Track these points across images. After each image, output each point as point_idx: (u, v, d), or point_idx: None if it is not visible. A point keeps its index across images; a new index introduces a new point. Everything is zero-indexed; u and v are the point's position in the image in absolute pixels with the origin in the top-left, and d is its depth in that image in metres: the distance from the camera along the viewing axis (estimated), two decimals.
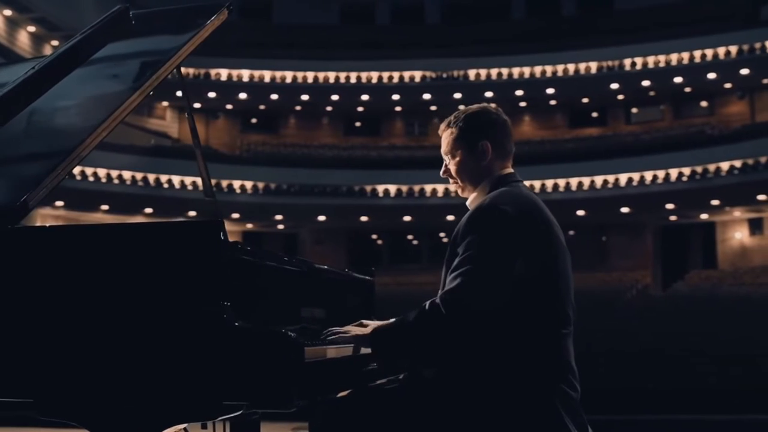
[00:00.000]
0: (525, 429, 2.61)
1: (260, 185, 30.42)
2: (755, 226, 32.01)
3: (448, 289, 2.66)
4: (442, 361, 2.73)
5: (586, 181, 29.48)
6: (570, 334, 2.76)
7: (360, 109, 36.37)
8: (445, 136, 3.01)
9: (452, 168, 2.98)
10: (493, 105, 3.04)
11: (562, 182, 29.60)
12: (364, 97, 35.05)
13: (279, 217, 31.59)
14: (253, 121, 36.07)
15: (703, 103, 34.98)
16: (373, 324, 2.82)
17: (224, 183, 29.75)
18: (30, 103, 3.29)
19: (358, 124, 37.46)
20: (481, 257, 2.64)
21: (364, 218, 32.09)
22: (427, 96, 34.93)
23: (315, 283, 3.39)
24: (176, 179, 29.19)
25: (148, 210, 29.96)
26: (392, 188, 31.00)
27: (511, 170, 2.96)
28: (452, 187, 3.05)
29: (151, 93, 3.27)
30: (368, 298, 3.85)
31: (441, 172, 3.03)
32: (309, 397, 2.56)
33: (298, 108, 35.95)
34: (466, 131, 2.96)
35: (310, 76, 34.13)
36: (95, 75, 3.54)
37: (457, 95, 34.68)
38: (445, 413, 2.64)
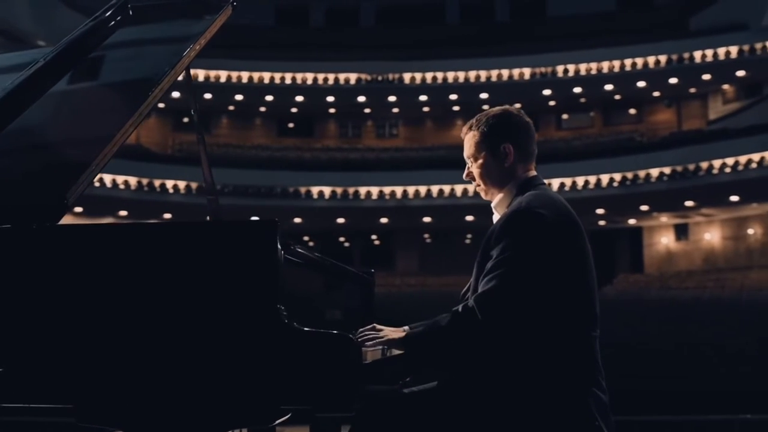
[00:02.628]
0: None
1: (193, 185, 30.09)
2: (681, 231, 32.70)
3: (482, 291, 2.64)
4: (475, 364, 2.69)
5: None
6: (598, 336, 2.76)
7: (294, 110, 36.29)
8: (468, 140, 2.96)
9: (475, 171, 2.93)
10: (515, 107, 3.00)
11: None
12: (299, 98, 34.97)
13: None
14: (185, 120, 35.66)
15: (632, 111, 35.66)
16: (385, 328, 2.80)
17: (156, 182, 29.41)
18: (42, 95, 3.15)
19: (291, 125, 37.35)
20: (517, 261, 2.62)
21: (297, 220, 31.99)
22: (361, 98, 34.98)
23: (332, 281, 3.37)
24: (108, 178, 28.72)
25: (78, 209, 29.45)
26: (326, 190, 30.96)
27: (534, 173, 2.93)
28: (474, 189, 3.01)
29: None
30: (370, 297, 3.79)
31: (464, 175, 2.98)
32: (362, 399, 2.54)
33: (231, 108, 35.70)
34: (488, 134, 2.91)
35: (244, 76, 33.92)
36: (108, 68, 3.41)
37: (392, 98, 34.82)
38: (481, 416, 2.63)
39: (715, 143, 28.04)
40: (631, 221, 32.69)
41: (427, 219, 32.01)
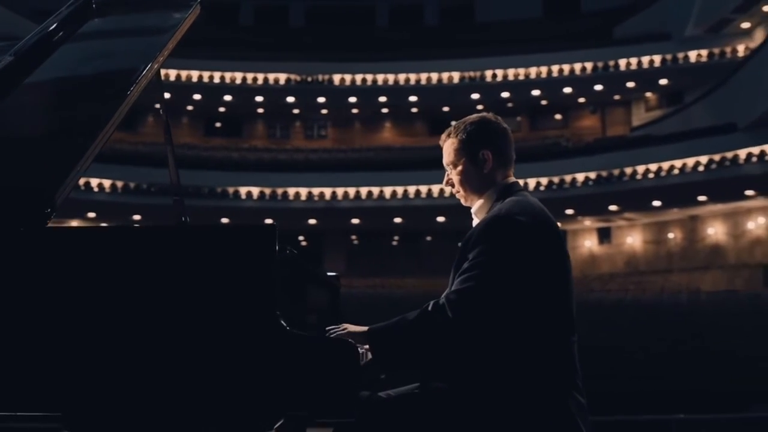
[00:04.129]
0: None
1: (119, 184, 29.64)
2: (604, 235, 33.32)
3: (453, 290, 2.65)
4: (442, 363, 2.70)
5: (447, 188, 29.86)
6: (576, 340, 2.77)
7: (222, 109, 36.01)
8: (447, 147, 2.96)
9: (455, 178, 2.93)
10: (491, 114, 3.01)
11: (423, 189, 30.05)
12: (227, 98, 34.71)
13: (137, 217, 30.88)
14: None
15: (558, 116, 36.23)
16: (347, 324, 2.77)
17: (81, 181, 28.72)
18: (13, 90, 3.02)
19: (218, 124, 37.04)
20: (491, 264, 2.63)
21: (225, 220, 31.73)
22: (290, 99, 34.87)
23: (310, 284, 3.31)
24: None
25: None
26: (254, 190, 30.78)
27: (513, 179, 2.94)
28: (455, 196, 3.00)
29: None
30: (337, 301, 3.73)
31: (443, 183, 2.98)
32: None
33: (157, 106, 35.15)
34: (466, 141, 2.91)
35: (172, 74, 33.48)
36: (80, 65, 3.29)
37: (321, 99, 34.79)
38: (463, 422, 2.63)
39: (639, 149, 28.61)
40: None
41: (355, 221, 32.05)
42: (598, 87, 33.25)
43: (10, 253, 2.45)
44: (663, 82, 32.72)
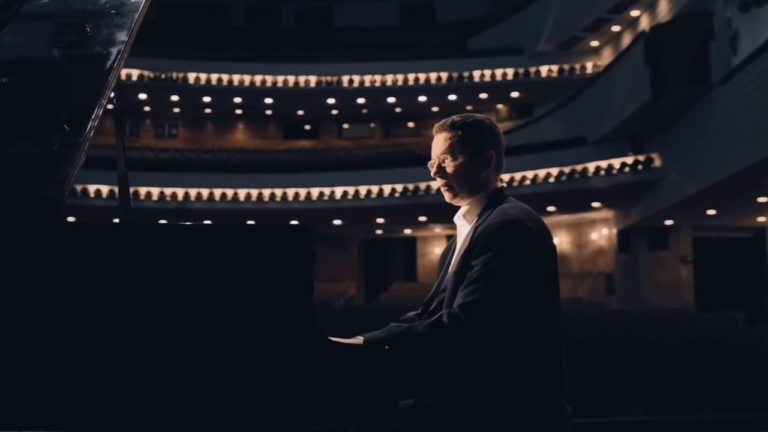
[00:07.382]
0: None
1: None
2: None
3: (466, 301, 2.57)
4: (457, 375, 2.62)
5: (302, 192, 29.88)
6: (564, 348, 2.76)
7: None
8: (444, 137, 2.86)
9: (450, 169, 2.84)
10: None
11: (278, 192, 29.84)
12: None
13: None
14: None
15: (411, 124, 36.68)
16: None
17: None
18: None
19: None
20: (503, 273, 2.59)
21: (71, 219, 30.65)
22: (142, 96, 34.07)
23: None
24: None
25: None
26: (104, 189, 29.87)
27: (501, 184, 2.91)
28: (438, 187, 2.93)
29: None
30: None
31: (433, 173, 2.89)
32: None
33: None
34: (472, 136, 2.85)
35: None
36: (40, 46, 2.99)
37: (175, 97, 34.15)
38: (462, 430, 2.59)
39: None
40: (407, 231, 33.54)
41: (207, 223, 31.54)
42: (452, 97, 33.82)
43: (23, 254, 2.21)
44: (515, 94, 33.64)
